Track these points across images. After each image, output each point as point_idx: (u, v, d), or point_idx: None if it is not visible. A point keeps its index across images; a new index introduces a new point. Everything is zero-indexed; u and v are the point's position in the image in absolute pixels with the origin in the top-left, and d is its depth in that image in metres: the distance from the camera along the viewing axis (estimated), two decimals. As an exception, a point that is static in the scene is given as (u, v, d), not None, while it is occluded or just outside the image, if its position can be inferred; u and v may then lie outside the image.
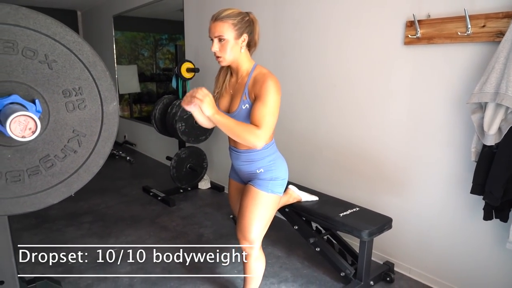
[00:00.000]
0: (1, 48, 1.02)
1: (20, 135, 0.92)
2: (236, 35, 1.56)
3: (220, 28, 1.55)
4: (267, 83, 1.53)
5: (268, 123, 1.54)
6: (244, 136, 1.51)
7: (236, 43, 1.57)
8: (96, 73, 1.18)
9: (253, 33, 1.63)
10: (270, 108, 1.53)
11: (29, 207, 1.10)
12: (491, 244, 1.93)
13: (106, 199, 3.63)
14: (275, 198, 1.75)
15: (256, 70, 1.62)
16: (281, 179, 1.76)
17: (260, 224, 1.73)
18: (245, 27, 1.58)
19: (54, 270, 2.34)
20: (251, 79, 1.60)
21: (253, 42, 1.65)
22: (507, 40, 1.65)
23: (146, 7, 4.78)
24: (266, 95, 1.52)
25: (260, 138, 1.52)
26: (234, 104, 1.64)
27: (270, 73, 1.59)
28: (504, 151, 1.72)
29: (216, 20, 1.56)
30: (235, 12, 1.57)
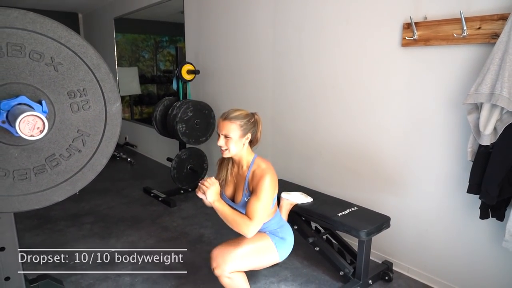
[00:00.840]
0: (10, 51, 1.06)
1: (28, 134, 0.96)
2: (241, 134, 1.74)
3: (228, 128, 1.73)
4: (263, 180, 1.71)
5: (260, 217, 1.73)
6: (237, 227, 1.71)
7: (239, 141, 1.76)
8: (100, 75, 1.22)
9: (256, 132, 1.82)
10: (263, 203, 1.72)
11: (35, 205, 1.14)
12: (488, 242, 1.96)
13: (107, 200, 3.65)
14: (274, 254, 1.87)
15: (255, 164, 1.80)
16: (288, 243, 1.91)
17: (243, 263, 1.79)
18: (250, 128, 1.77)
19: (56, 269, 2.36)
20: (250, 172, 1.79)
21: (255, 139, 1.84)
22: (501, 42, 1.68)
23: (146, 9, 4.82)
24: (262, 191, 1.71)
25: (250, 230, 1.71)
26: (238, 195, 1.84)
27: (267, 169, 1.76)
28: (499, 150, 1.75)
29: (225, 119, 1.74)
30: (243, 114, 1.76)
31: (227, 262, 1.75)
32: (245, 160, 1.83)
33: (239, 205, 1.83)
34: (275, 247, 1.85)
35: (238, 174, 1.87)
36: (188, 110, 3.46)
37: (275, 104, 3.12)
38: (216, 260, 1.79)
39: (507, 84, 1.66)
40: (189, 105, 3.47)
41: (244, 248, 1.79)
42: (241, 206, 1.82)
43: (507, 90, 1.66)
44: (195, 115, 3.50)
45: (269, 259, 1.87)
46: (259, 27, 3.14)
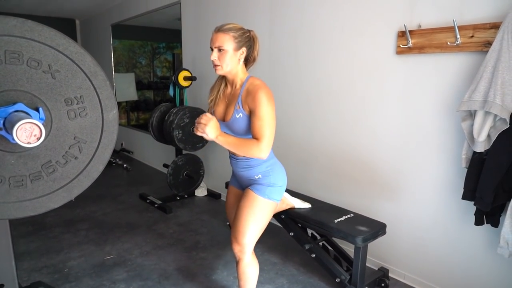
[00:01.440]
0: (8, 58, 1.06)
1: (25, 142, 0.96)
2: (235, 47, 1.64)
3: (221, 39, 1.62)
4: (258, 96, 1.60)
5: (267, 134, 1.61)
6: (248, 152, 1.61)
7: (234, 55, 1.65)
8: (97, 82, 1.22)
9: (252, 49, 1.72)
10: (266, 119, 1.61)
11: (31, 211, 1.13)
12: (483, 249, 1.97)
13: (103, 206, 3.64)
14: (271, 205, 1.79)
15: (249, 81, 1.69)
16: (279, 186, 1.81)
17: (254, 229, 1.76)
18: (245, 41, 1.67)
19: (50, 277, 2.35)
20: (244, 89, 1.67)
21: (251, 57, 1.74)
22: (494, 50, 1.71)
23: (143, 16, 4.84)
24: (260, 108, 1.59)
25: (262, 150, 1.60)
26: (229, 113, 1.71)
27: (261, 84, 1.65)
28: (493, 157, 1.77)
29: (218, 31, 1.64)
30: (237, 27, 1.66)
31: (244, 235, 1.74)
32: (239, 79, 1.71)
33: (229, 123, 1.70)
34: (269, 198, 1.76)
35: (230, 93, 1.75)
36: (185, 116, 3.47)
37: (271, 111, 3.13)
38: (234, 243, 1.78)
39: (500, 92, 1.68)
40: (186, 112, 3.48)
41: (247, 219, 1.74)
42: (230, 123, 1.69)
43: (500, 97, 1.68)
44: (191, 121, 3.50)
45: (270, 211, 1.80)
46: (255, 34, 3.16)
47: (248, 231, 1.75)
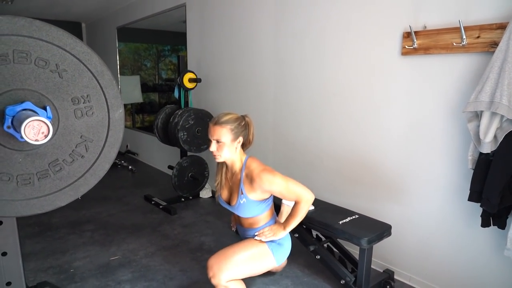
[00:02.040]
0: (16, 58, 1.08)
1: (33, 139, 0.97)
2: (232, 138, 1.76)
3: (219, 132, 1.74)
4: (263, 179, 1.75)
5: (298, 190, 1.79)
6: (306, 211, 1.84)
7: (232, 145, 1.78)
8: (104, 81, 1.24)
9: (247, 134, 1.85)
10: (285, 186, 1.78)
11: (38, 209, 1.14)
12: (490, 251, 1.95)
13: (108, 207, 3.65)
14: (271, 260, 1.87)
15: (246, 166, 1.83)
16: (285, 248, 1.92)
17: (239, 271, 1.80)
18: (241, 131, 1.79)
19: (56, 277, 2.36)
20: (243, 175, 1.82)
21: (247, 141, 1.87)
22: (500, 50, 1.70)
23: (149, 19, 4.88)
24: (273, 185, 1.75)
25: (308, 199, 1.81)
26: (233, 197, 1.87)
27: (257, 167, 1.80)
28: (500, 158, 1.76)
29: (216, 124, 1.76)
30: (233, 118, 1.77)
31: (223, 271, 1.75)
32: (237, 164, 1.85)
33: (235, 207, 1.85)
34: (272, 253, 1.85)
35: (232, 178, 1.90)
36: (190, 118, 3.48)
37: (276, 112, 3.14)
38: (212, 269, 1.79)
39: (507, 92, 1.67)
40: (191, 113, 3.49)
41: (240, 255, 1.79)
42: (236, 208, 1.85)
43: (507, 98, 1.67)
44: (196, 123, 3.52)
45: (265, 264, 1.87)
46: (260, 36, 3.18)
47: (232, 270, 1.77)
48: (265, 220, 1.92)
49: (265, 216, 1.92)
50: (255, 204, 1.83)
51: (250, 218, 1.90)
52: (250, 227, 1.93)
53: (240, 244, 1.86)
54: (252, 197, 1.81)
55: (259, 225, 1.92)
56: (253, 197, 1.81)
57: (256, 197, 1.82)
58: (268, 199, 1.89)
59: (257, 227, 1.92)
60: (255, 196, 1.82)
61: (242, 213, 1.86)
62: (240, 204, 1.82)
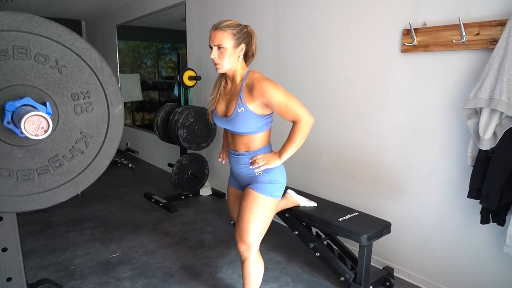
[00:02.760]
0: (16, 53, 1.08)
1: (33, 134, 0.97)
2: (234, 44, 1.65)
3: (220, 37, 1.63)
4: (263, 87, 1.62)
5: (298, 109, 1.67)
6: (305, 135, 1.69)
7: (234, 52, 1.67)
8: (103, 77, 1.24)
9: (250, 44, 1.74)
10: (286, 100, 1.65)
11: (38, 205, 1.14)
12: (489, 247, 1.95)
13: (108, 205, 3.66)
14: (273, 202, 1.79)
15: (248, 76, 1.71)
16: (279, 183, 1.81)
17: (258, 227, 1.77)
18: (243, 37, 1.68)
19: (56, 274, 2.36)
20: (244, 84, 1.69)
21: (250, 52, 1.75)
22: (500, 47, 1.70)
23: (149, 16, 4.87)
24: (273, 96, 1.63)
25: (308, 121, 1.67)
26: (230, 108, 1.72)
27: (260, 76, 1.69)
28: (499, 155, 1.76)
29: (216, 29, 1.65)
30: (235, 23, 1.67)
31: (249, 234, 1.74)
32: (239, 74, 1.73)
33: (231, 118, 1.70)
34: (271, 196, 1.77)
35: (231, 90, 1.76)
36: (190, 116, 3.48)
37: (276, 110, 3.13)
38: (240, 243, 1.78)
39: (506, 89, 1.67)
40: (191, 111, 3.49)
41: (250, 218, 1.74)
42: (232, 118, 1.70)
43: (506, 95, 1.67)
44: (196, 120, 3.52)
45: (272, 209, 1.81)
46: (259, 34, 3.15)
47: (253, 229, 1.75)
48: (261, 143, 1.78)
49: (261, 138, 1.77)
50: (253, 116, 1.68)
51: (245, 136, 1.75)
52: (245, 150, 1.78)
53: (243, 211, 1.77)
54: (251, 108, 1.67)
55: (254, 148, 1.76)
56: (252, 108, 1.67)
57: (254, 108, 1.67)
58: (267, 117, 1.74)
59: (253, 151, 1.76)
60: (254, 108, 1.67)
61: (238, 126, 1.70)
62: (237, 113, 1.67)
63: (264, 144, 1.80)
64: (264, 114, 1.71)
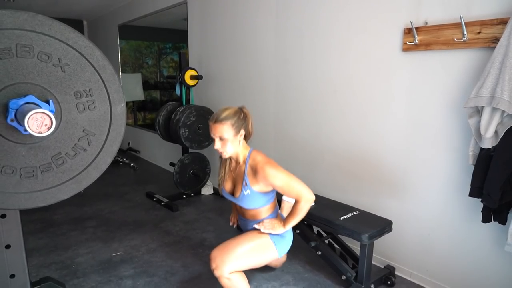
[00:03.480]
0: (19, 52, 1.09)
1: (37, 131, 0.98)
2: (234, 133, 1.79)
3: (220, 130, 1.77)
4: (267, 172, 1.77)
5: (300, 188, 1.81)
6: (307, 210, 1.85)
7: (235, 139, 1.81)
8: (106, 76, 1.25)
9: (247, 126, 1.86)
10: (288, 182, 1.79)
11: (41, 202, 1.15)
12: (490, 246, 1.95)
13: (110, 204, 3.67)
14: (273, 252, 1.89)
15: (251, 157, 1.86)
16: (287, 240, 1.94)
17: (242, 263, 1.82)
18: (241, 124, 1.81)
19: (58, 272, 2.37)
20: (248, 167, 1.85)
21: (248, 133, 1.88)
22: (501, 46, 1.70)
23: (150, 16, 4.89)
24: (276, 179, 1.77)
25: (309, 199, 1.82)
26: (237, 189, 1.89)
27: (262, 160, 1.83)
28: (500, 154, 1.76)
29: (216, 122, 1.78)
30: (231, 113, 1.79)
31: (226, 263, 1.77)
32: (242, 155, 1.88)
33: (239, 198, 1.87)
34: (274, 245, 1.87)
35: (236, 169, 1.93)
36: (191, 115, 3.49)
37: (277, 109, 3.14)
38: (215, 261, 1.81)
39: (508, 88, 1.67)
40: (192, 110, 3.50)
41: (242, 247, 1.81)
42: (240, 199, 1.87)
43: (508, 93, 1.67)
44: (198, 120, 3.53)
45: (267, 256, 1.89)
46: (261, 34, 3.18)
47: (235, 261, 1.79)
48: (268, 213, 1.94)
49: (267, 209, 1.94)
50: (259, 196, 1.85)
51: (252, 209, 1.91)
52: (253, 219, 1.95)
53: (242, 236, 1.88)
54: (256, 189, 1.83)
55: (261, 217, 1.93)
56: (257, 189, 1.83)
57: (259, 189, 1.84)
58: (271, 192, 1.91)
59: (259, 219, 1.94)
60: (259, 188, 1.84)
61: (245, 204, 1.88)
62: (244, 195, 1.84)
63: (270, 212, 1.96)
64: (268, 191, 1.88)
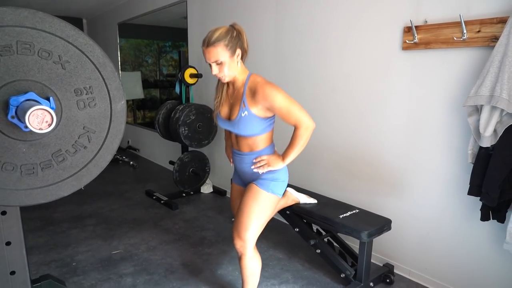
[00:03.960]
0: (19, 49, 1.09)
1: (37, 128, 0.98)
2: (230, 53, 1.65)
3: (215, 53, 1.63)
4: (266, 92, 1.65)
5: (299, 114, 1.69)
6: (306, 139, 1.75)
7: (232, 61, 1.67)
8: (106, 73, 1.25)
9: (242, 44, 1.71)
10: (287, 105, 1.67)
11: (42, 199, 1.16)
12: (489, 245, 1.96)
13: (110, 202, 3.67)
14: (274, 199, 1.82)
15: (250, 80, 1.73)
16: (282, 181, 1.84)
17: (257, 224, 1.79)
18: (236, 42, 1.67)
19: (58, 270, 2.38)
20: (247, 88, 1.72)
21: (243, 51, 1.73)
22: (501, 45, 1.71)
23: (150, 15, 4.88)
24: (275, 100, 1.65)
25: (309, 125, 1.71)
26: (234, 112, 1.75)
27: (263, 80, 1.70)
28: (499, 152, 1.76)
29: (208, 46, 1.64)
30: (223, 32, 1.64)
31: (247, 230, 1.76)
32: (240, 78, 1.75)
33: (235, 121, 1.74)
34: (273, 193, 1.80)
35: (233, 93, 1.79)
36: (191, 113, 3.49)
37: (277, 108, 3.14)
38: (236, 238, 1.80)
39: (507, 86, 1.68)
40: (192, 109, 3.50)
41: (250, 213, 1.76)
42: (236, 121, 1.73)
43: (507, 92, 1.68)
44: (197, 118, 3.53)
45: (273, 206, 1.84)
46: (260, 32, 3.18)
47: (251, 225, 1.77)
48: (264, 144, 1.81)
49: (264, 139, 1.81)
50: (256, 120, 1.72)
51: (249, 138, 1.78)
52: (248, 150, 1.82)
53: (243, 206, 1.80)
54: (254, 111, 1.70)
55: (258, 149, 1.80)
56: (255, 112, 1.70)
57: (257, 112, 1.71)
58: (270, 119, 1.78)
59: (256, 151, 1.80)
60: (257, 111, 1.70)
61: (241, 129, 1.74)
62: (241, 117, 1.71)
63: (267, 144, 1.83)
64: (267, 116, 1.75)
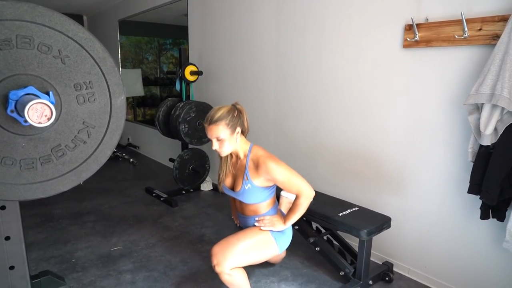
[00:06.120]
0: (19, 43, 1.09)
1: (37, 121, 0.98)
2: (230, 132, 1.78)
3: (216, 131, 1.76)
4: (269, 166, 1.78)
5: (300, 184, 1.82)
6: (306, 207, 1.85)
7: (232, 138, 1.80)
8: (106, 68, 1.24)
9: (243, 122, 1.85)
10: (289, 177, 1.80)
11: (41, 194, 1.15)
12: (489, 243, 1.96)
13: (110, 199, 3.67)
14: (273, 248, 1.89)
15: (252, 152, 1.86)
16: (287, 235, 1.94)
17: (242, 260, 1.82)
18: (236, 122, 1.80)
19: (58, 266, 2.38)
20: (249, 161, 1.85)
21: (244, 129, 1.87)
22: (502, 43, 1.70)
23: (150, 12, 4.87)
24: (277, 174, 1.78)
25: (309, 195, 1.83)
26: (238, 183, 1.88)
27: (265, 154, 1.83)
28: (500, 151, 1.76)
29: (210, 124, 1.77)
30: (225, 112, 1.78)
31: (227, 259, 1.77)
32: (242, 150, 1.88)
33: (239, 193, 1.87)
34: (274, 240, 1.88)
35: (236, 164, 1.93)
36: (191, 110, 3.48)
37: (277, 105, 3.14)
38: (216, 257, 1.81)
39: (508, 85, 1.67)
40: (192, 106, 3.50)
41: (243, 243, 1.81)
42: (241, 193, 1.86)
43: (508, 90, 1.67)
44: (197, 115, 3.52)
45: (268, 252, 1.90)
46: (261, 29, 3.17)
47: (236, 258, 1.80)
48: (267, 208, 1.94)
49: (267, 204, 1.94)
50: (259, 190, 1.85)
51: (252, 205, 1.91)
52: (253, 214, 1.95)
53: (243, 232, 1.88)
54: (257, 183, 1.83)
55: (261, 213, 1.94)
56: (258, 183, 1.83)
57: (260, 183, 1.84)
58: (272, 187, 1.91)
59: (259, 215, 1.94)
60: (259, 182, 1.84)
61: (246, 199, 1.88)
62: (244, 189, 1.85)
63: (270, 207, 1.96)
64: (268, 186, 1.88)
